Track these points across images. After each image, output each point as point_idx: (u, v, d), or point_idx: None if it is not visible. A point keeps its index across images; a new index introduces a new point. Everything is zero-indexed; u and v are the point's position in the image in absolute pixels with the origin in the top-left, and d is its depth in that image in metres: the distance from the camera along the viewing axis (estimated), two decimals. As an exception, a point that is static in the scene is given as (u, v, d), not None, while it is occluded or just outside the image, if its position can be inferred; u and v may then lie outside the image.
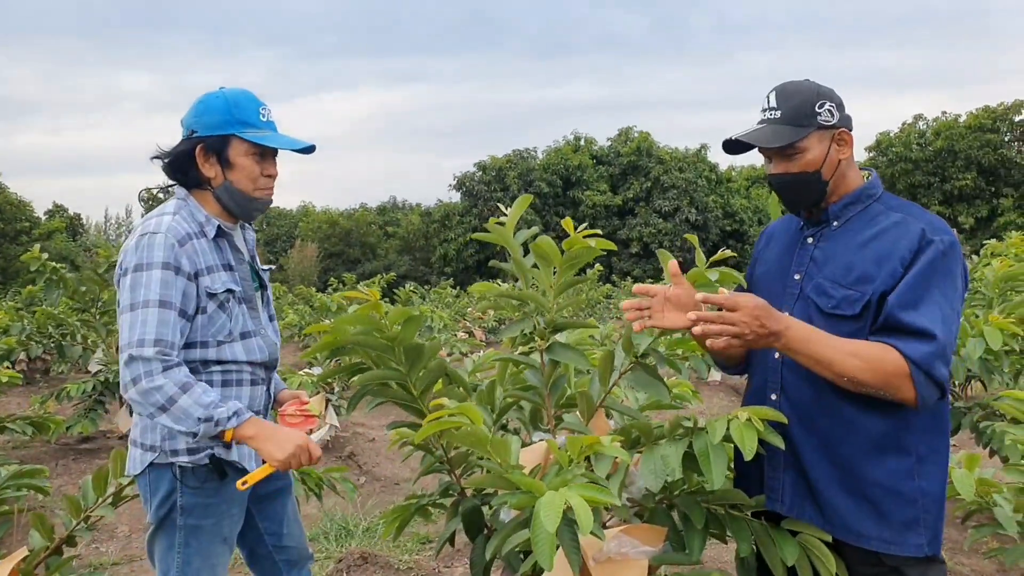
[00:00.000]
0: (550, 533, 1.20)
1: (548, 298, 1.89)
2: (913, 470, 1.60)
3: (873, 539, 1.61)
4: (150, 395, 1.76)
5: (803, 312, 1.68)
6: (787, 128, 1.68)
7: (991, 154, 33.72)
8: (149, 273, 1.82)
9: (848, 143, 1.71)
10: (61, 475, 5.38)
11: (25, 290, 9.58)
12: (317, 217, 43.37)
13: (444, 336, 9.38)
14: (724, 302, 1.49)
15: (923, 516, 1.60)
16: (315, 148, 2.04)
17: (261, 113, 1.97)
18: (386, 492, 5.12)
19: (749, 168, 41.83)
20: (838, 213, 1.73)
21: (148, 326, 1.79)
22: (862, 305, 1.60)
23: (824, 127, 1.68)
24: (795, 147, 1.68)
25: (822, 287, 1.68)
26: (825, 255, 1.71)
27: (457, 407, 1.47)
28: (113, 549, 4.11)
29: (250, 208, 2.00)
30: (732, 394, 8.61)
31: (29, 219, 35.15)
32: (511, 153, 37.74)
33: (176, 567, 1.91)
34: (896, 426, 1.60)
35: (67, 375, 9.59)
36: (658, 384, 1.88)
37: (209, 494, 1.91)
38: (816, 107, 1.67)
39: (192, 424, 1.78)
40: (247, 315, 2.00)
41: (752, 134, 1.72)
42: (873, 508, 1.61)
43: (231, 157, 1.93)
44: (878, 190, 1.74)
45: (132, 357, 1.78)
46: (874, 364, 1.51)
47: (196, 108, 1.95)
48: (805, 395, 1.67)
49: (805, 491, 1.68)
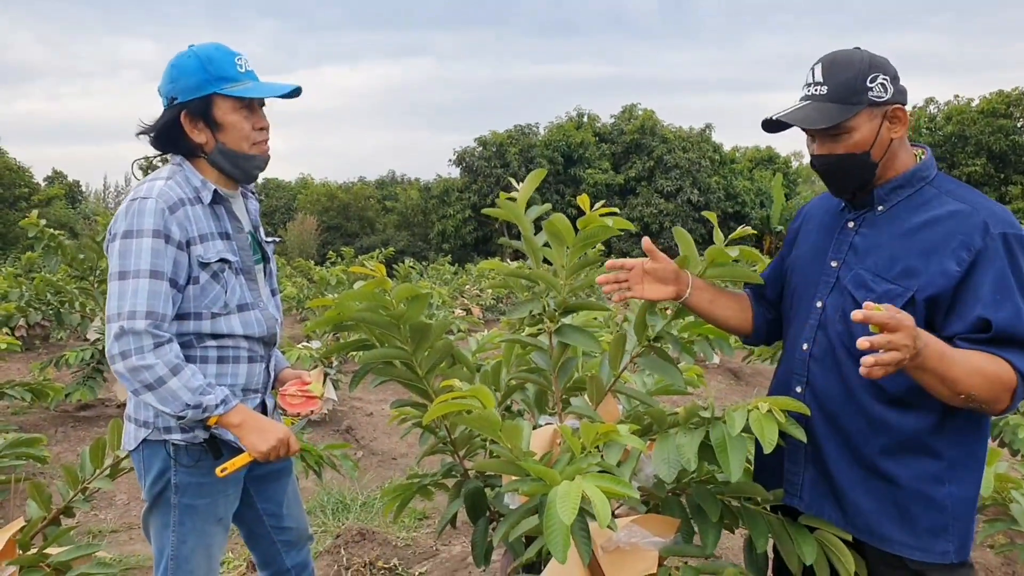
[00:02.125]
0: (566, 525, 1.16)
1: (560, 278, 1.84)
2: (943, 475, 1.50)
3: (896, 543, 1.53)
4: (138, 372, 1.72)
5: (837, 305, 1.58)
6: (833, 107, 1.51)
7: (1002, 140, 33.31)
8: (139, 241, 1.75)
9: (902, 121, 1.54)
10: (60, 442, 5.37)
11: (24, 256, 9.54)
12: (316, 190, 43.12)
13: (443, 313, 9.35)
14: (888, 322, 1.27)
15: (952, 523, 1.50)
16: (301, 90, 1.93)
17: (238, 64, 1.87)
18: (384, 467, 5.11)
19: (753, 149, 41.56)
20: (884, 197, 1.58)
21: (139, 297, 1.73)
22: (905, 302, 1.47)
23: (875, 103, 1.51)
24: (842, 127, 1.52)
25: (861, 279, 1.55)
26: (867, 243, 1.58)
27: (469, 390, 1.42)
28: (112, 517, 4.10)
29: (248, 167, 1.92)
30: (731, 377, 8.60)
31: (28, 185, 34.93)
32: (512, 129, 37.40)
33: (171, 546, 1.88)
34: (928, 428, 1.50)
35: (66, 342, 9.57)
36: (671, 368, 1.84)
37: (204, 473, 1.87)
38: (867, 81, 1.50)
39: (179, 407, 1.74)
40: (245, 287, 1.92)
41: (794, 114, 1.55)
42: (898, 511, 1.52)
43: (218, 117, 1.85)
44: (932, 172, 1.58)
45: (123, 330, 1.72)
46: (992, 381, 1.37)
47: (170, 73, 1.85)
48: (832, 390, 1.58)
49: (826, 489, 1.61)
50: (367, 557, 3.48)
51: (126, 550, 3.64)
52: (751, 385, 8.24)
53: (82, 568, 2.28)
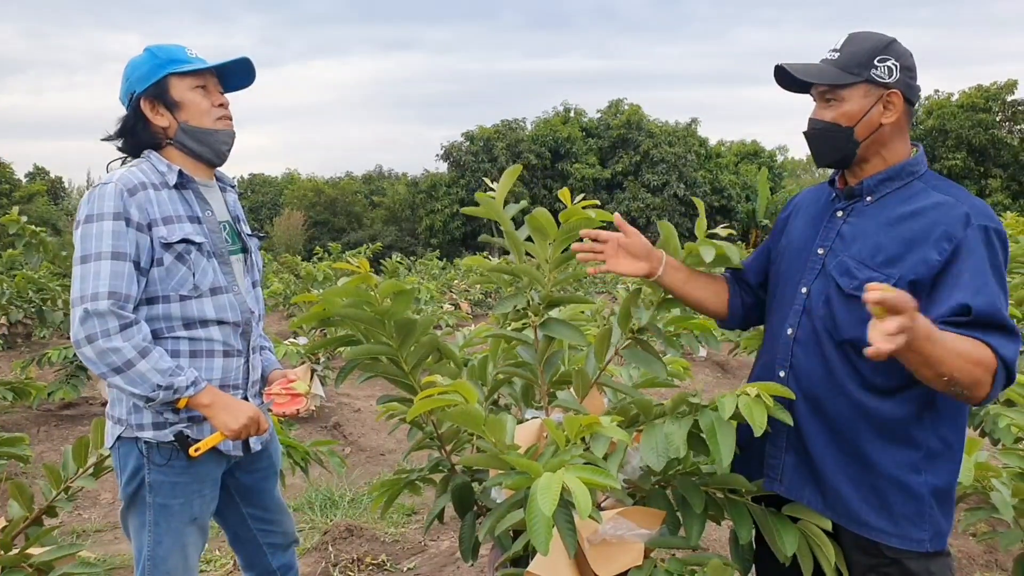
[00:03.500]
0: (547, 516, 1.16)
1: (543, 272, 1.84)
2: (920, 464, 1.53)
3: (875, 529, 1.55)
4: (106, 356, 1.71)
5: (822, 291, 1.61)
6: (835, 71, 1.55)
7: (982, 134, 33.68)
8: (100, 224, 1.75)
9: (897, 108, 1.55)
10: (43, 441, 5.33)
11: (6, 254, 9.43)
12: (302, 185, 42.90)
13: (430, 308, 9.34)
14: (898, 302, 1.25)
15: (928, 512, 1.53)
16: (251, 65, 1.98)
17: (188, 52, 1.92)
18: (371, 463, 5.10)
19: (738, 144, 41.73)
20: (873, 188, 1.61)
21: (101, 278, 1.72)
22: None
23: (875, 82, 1.54)
24: (835, 93, 1.56)
25: (845, 266, 1.58)
26: (854, 232, 1.60)
27: (451, 384, 1.42)
28: (95, 516, 4.07)
29: (215, 142, 1.93)
30: (718, 370, 8.64)
31: (9, 181, 34.59)
32: (499, 123, 37.32)
33: (148, 546, 1.86)
34: (907, 416, 1.52)
35: (48, 340, 9.47)
36: (655, 361, 1.84)
37: (177, 472, 1.85)
38: (875, 59, 1.53)
39: (148, 389, 1.72)
40: (219, 270, 1.90)
41: (800, 65, 1.59)
42: (876, 497, 1.55)
43: (175, 97, 1.88)
44: (921, 167, 1.61)
45: (87, 312, 1.70)
46: (974, 364, 1.37)
47: (125, 73, 1.92)
48: (815, 374, 1.60)
49: (807, 473, 1.62)
50: (355, 553, 3.47)
51: (110, 550, 3.61)
52: (738, 378, 8.28)
53: (65, 568, 2.26)
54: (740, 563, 1.71)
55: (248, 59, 1.95)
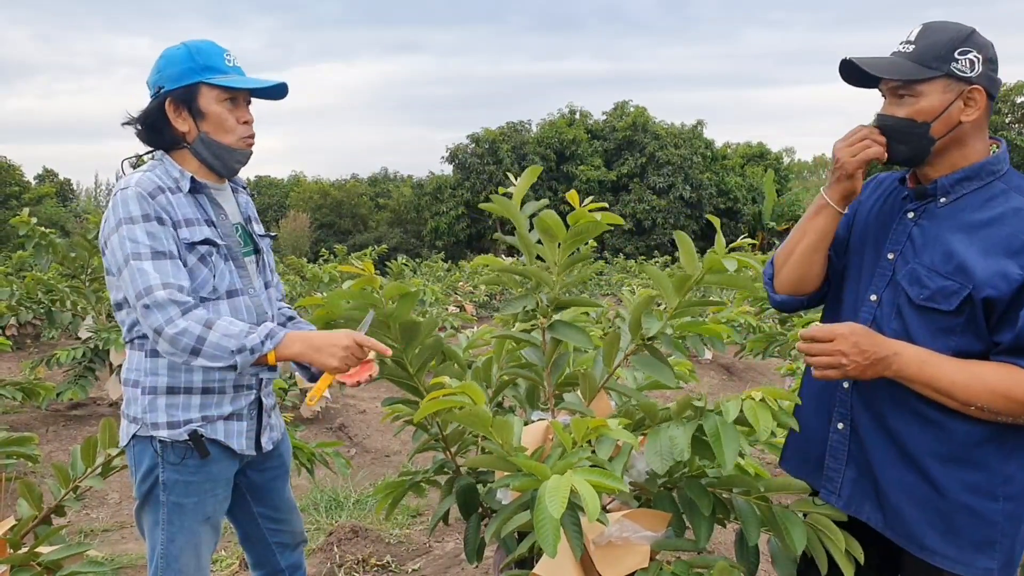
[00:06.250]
0: (555, 519, 1.16)
1: (553, 274, 1.84)
2: (997, 489, 1.40)
3: (937, 555, 1.44)
4: (177, 341, 1.71)
5: (891, 301, 1.49)
6: (911, 65, 1.42)
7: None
8: (131, 227, 1.76)
9: (979, 105, 1.43)
10: (51, 441, 5.35)
11: (15, 255, 9.48)
12: (308, 187, 43.01)
13: (435, 310, 9.34)
14: (819, 334, 1.30)
15: (1000, 539, 1.41)
16: (287, 87, 1.94)
17: (226, 59, 1.89)
18: (377, 464, 5.11)
19: (744, 146, 41.64)
20: (948, 188, 1.48)
21: (149, 273, 1.73)
22: (960, 300, 1.38)
23: (955, 77, 1.41)
24: (911, 88, 1.43)
25: (916, 274, 1.45)
26: (925, 236, 1.48)
27: (458, 386, 1.43)
28: (103, 515, 4.09)
29: (229, 159, 1.92)
30: (724, 373, 8.62)
31: (19, 183, 34.75)
32: (504, 125, 37.36)
33: (161, 543, 1.87)
34: (981, 437, 1.41)
35: (57, 341, 9.51)
36: (663, 367, 1.84)
37: (191, 472, 1.86)
38: (955, 52, 1.40)
39: (228, 358, 1.72)
40: (235, 273, 1.91)
41: (869, 59, 1.46)
42: (942, 521, 1.43)
43: (202, 106, 1.86)
44: (1003, 166, 1.47)
45: (147, 306, 1.71)
46: (1004, 389, 1.30)
47: (159, 63, 1.87)
48: (883, 389, 1.47)
49: (868, 489, 1.53)
50: (360, 554, 3.48)
51: (118, 549, 3.62)
52: (744, 380, 8.26)
53: (73, 567, 2.27)
54: (746, 565, 1.70)
55: (285, 84, 1.92)
